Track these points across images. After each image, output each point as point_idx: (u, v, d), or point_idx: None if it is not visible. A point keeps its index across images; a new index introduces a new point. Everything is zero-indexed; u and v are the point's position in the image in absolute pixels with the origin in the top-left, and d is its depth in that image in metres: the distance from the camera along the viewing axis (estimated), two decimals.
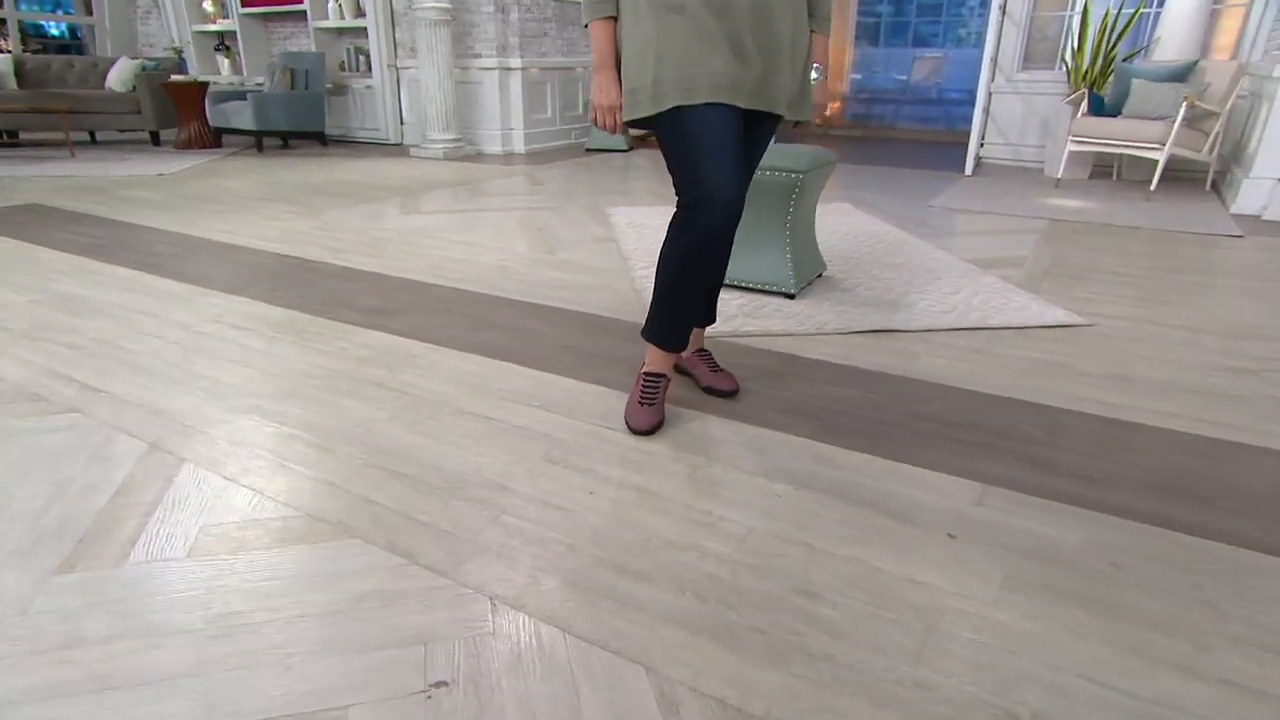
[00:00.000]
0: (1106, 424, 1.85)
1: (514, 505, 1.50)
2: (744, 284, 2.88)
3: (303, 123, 6.92)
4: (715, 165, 1.51)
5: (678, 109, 1.51)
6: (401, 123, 7.48)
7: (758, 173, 2.72)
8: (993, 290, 2.92)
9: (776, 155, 2.71)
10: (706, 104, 1.51)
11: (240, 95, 6.88)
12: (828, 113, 9.16)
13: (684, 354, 2.03)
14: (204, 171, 5.78)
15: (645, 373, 1.84)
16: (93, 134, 7.43)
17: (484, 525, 1.44)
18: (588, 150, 7.20)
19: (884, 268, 3.26)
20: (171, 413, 1.86)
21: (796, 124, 1.71)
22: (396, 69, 7.27)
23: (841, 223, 4.13)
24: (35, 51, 8.08)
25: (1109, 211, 4.37)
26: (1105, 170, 5.64)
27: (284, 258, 3.28)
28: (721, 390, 1.97)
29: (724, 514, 1.48)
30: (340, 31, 7.48)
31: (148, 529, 1.40)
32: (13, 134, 7.03)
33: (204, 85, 6.78)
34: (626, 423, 1.80)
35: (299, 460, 1.65)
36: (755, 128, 1.66)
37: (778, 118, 1.65)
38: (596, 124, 1.59)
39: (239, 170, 5.88)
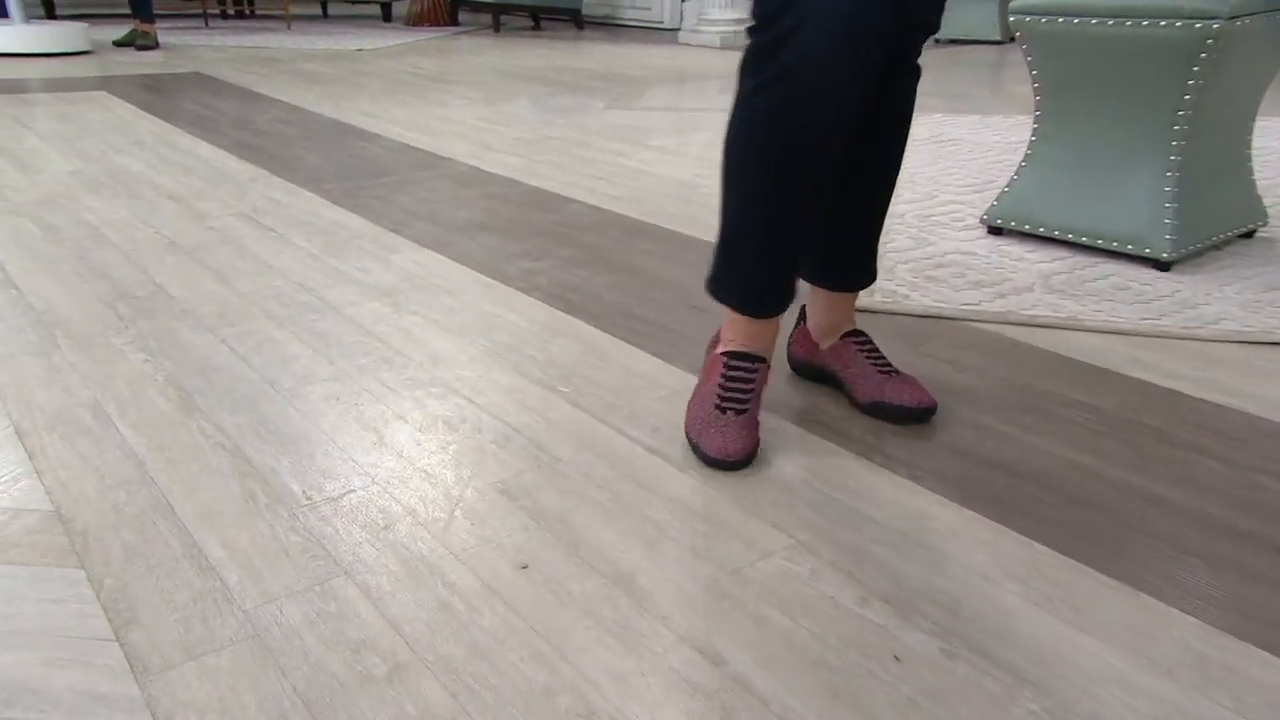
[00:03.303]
0: None
1: (369, 566, 1.06)
2: (1063, 235, 2.13)
3: None
4: None
5: None
6: (682, 0, 7.31)
7: (1091, 22, 1.94)
8: None
9: None
10: None
11: None
12: None
13: (821, 342, 1.46)
14: (408, 50, 6.07)
15: (724, 353, 1.31)
16: (324, 7, 8.27)
17: (286, 594, 1.02)
18: (945, 41, 6.49)
19: None
20: (34, 326, 1.70)
21: None
22: None
23: None
24: None
25: None
26: None
27: (406, 149, 3.20)
28: (900, 407, 1.36)
29: (746, 676, 0.90)
30: None
31: None
32: (249, 4, 8.04)
33: None
34: (691, 443, 1.29)
35: (134, 418, 1.37)
36: None
37: None
38: None
39: (451, 50, 6.10)
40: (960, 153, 3.21)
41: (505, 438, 1.35)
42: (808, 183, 1.18)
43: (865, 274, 1.44)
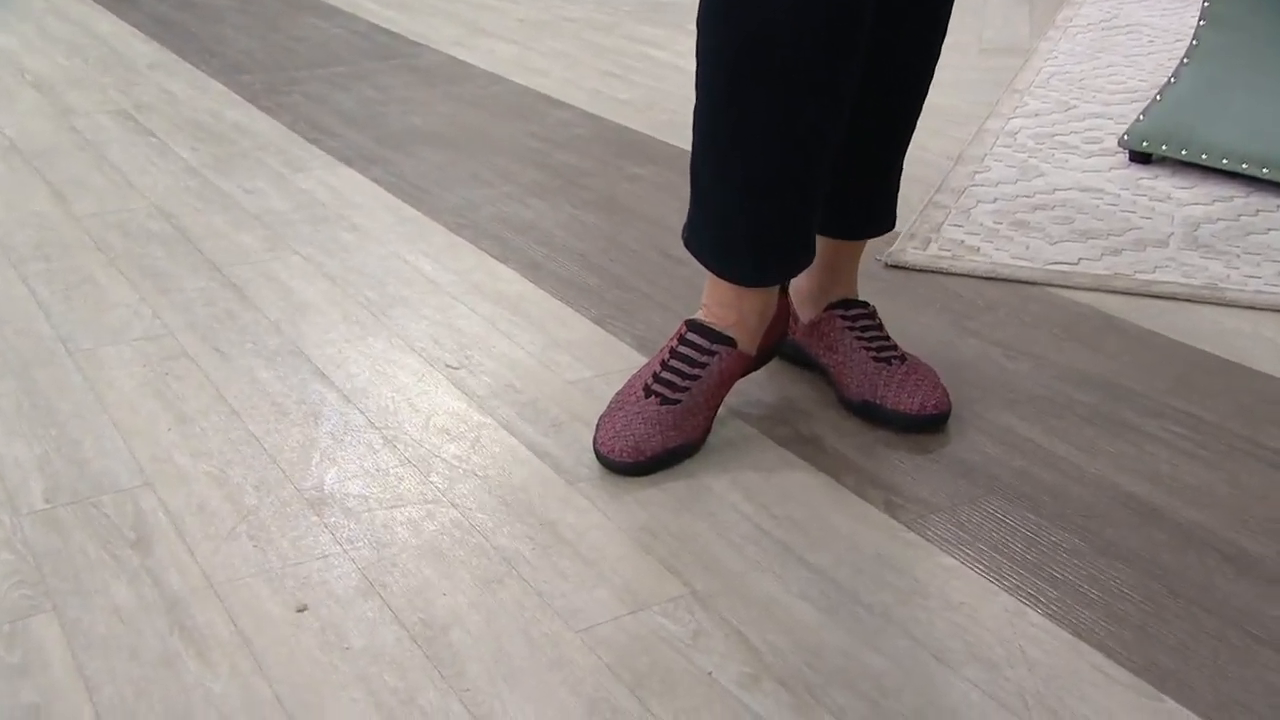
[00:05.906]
0: None
1: (89, 598, 1.04)
2: (1234, 164, 2.02)
3: None
4: None
5: None
6: None
7: None
8: None
9: None
10: None
11: None
12: None
13: (800, 312, 1.40)
14: None
15: (688, 320, 1.30)
16: None
17: None
18: None
19: None
20: None
21: None
22: None
23: None
24: None
25: None
26: None
27: (373, 32, 3.23)
28: (896, 414, 1.30)
29: None
30: None
31: None
32: None
33: None
34: (594, 439, 1.27)
35: None
36: None
37: None
38: None
39: None
40: (1135, 44, 3.04)
41: (347, 430, 1.31)
42: (791, 79, 1.11)
43: (872, 216, 1.36)
